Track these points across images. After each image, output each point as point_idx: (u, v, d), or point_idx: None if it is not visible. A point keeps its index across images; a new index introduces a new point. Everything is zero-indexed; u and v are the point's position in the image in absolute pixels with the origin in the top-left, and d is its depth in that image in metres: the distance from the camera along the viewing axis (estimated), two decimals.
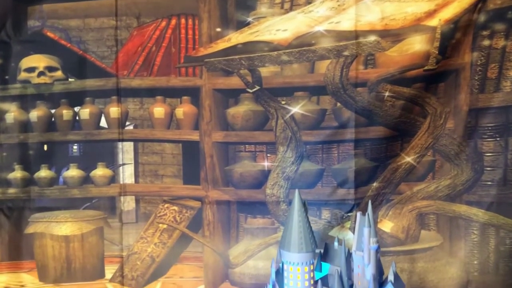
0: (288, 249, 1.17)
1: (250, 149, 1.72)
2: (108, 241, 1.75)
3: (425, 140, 1.65)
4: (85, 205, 1.75)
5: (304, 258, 1.17)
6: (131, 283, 1.76)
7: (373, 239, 1.10)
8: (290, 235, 1.18)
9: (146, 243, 1.75)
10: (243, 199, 1.73)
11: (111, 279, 1.75)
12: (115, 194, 1.74)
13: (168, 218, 1.75)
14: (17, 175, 1.72)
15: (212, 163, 1.70)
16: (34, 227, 1.73)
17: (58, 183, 1.74)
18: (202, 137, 1.69)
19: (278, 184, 1.69)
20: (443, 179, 1.67)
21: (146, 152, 1.75)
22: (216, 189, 1.72)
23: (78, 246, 1.74)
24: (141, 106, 1.72)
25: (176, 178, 1.74)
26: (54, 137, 1.73)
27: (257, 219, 1.75)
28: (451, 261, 1.67)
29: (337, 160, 1.68)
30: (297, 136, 1.64)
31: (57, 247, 1.74)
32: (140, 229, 1.75)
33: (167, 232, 1.76)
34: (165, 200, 1.74)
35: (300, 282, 1.18)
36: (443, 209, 1.68)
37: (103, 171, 1.73)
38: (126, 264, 1.75)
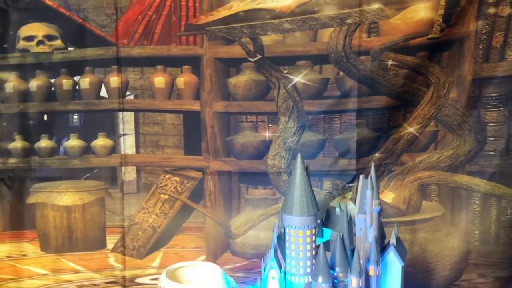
0: (290, 212, 1.17)
1: (252, 119, 1.71)
2: (109, 212, 1.75)
3: (427, 110, 1.64)
4: (86, 175, 1.74)
5: (306, 222, 1.17)
6: (133, 253, 1.76)
7: (376, 201, 1.10)
8: (292, 198, 1.17)
9: (148, 213, 1.76)
10: (244, 169, 1.72)
11: (113, 249, 1.76)
12: (116, 164, 1.73)
13: (169, 189, 1.75)
14: (18, 145, 1.71)
15: (213, 133, 1.69)
16: (35, 197, 1.73)
17: (58, 153, 1.74)
18: (203, 107, 1.68)
19: (279, 155, 1.68)
20: (446, 149, 1.67)
21: (147, 122, 1.73)
22: (217, 160, 1.71)
23: (80, 216, 1.75)
24: (141, 75, 1.70)
25: (177, 149, 1.73)
26: (54, 107, 1.72)
27: (258, 190, 1.75)
28: (452, 231, 1.67)
29: (339, 130, 1.67)
30: (299, 106, 1.63)
31: (59, 217, 1.74)
32: (141, 200, 1.75)
33: (168, 202, 1.76)
34: (166, 170, 1.74)
35: (302, 245, 1.19)
36: (445, 180, 1.68)
37: (103, 141, 1.72)
38: (127, 234, 1.75)
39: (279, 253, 1.25)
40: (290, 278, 1.21)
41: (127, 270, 1.76)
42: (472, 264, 1.67)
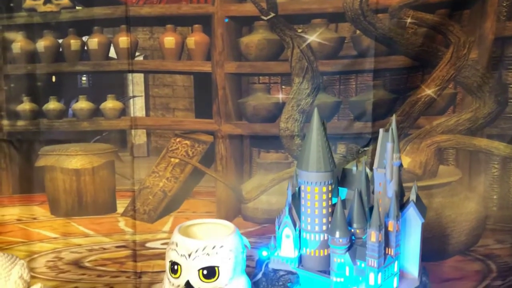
0: (306, 168, 1.14)
1: (264, 80, 1.66)
2: (119, 175, 1.73)
3: (446, 71, 1.59)
4: (95, 138, 1.71)
5: (322, 178, 1.14)
6: (143, 217, 1.74)
7: (397, 154, 1.06)
8: (308, 154, 1.14)
9: (158, 177, 1.73)
10: (256, 133, 1.68)
11: (123, 213, 1.74)
12: (125, 127, 1.70)
13: (180, 153, 1.72)
14: (26, 107, 1.68)
15: (224, 95, 1.65)
16: (44, 160, 1.71)
17: (67, 116, 1.71)
18: (214, 68, 1.63)
19: (292, 118, 1.64)
20: (464, 112, 1.61)
21: (157, 84, 1.69)
22: (228, 123, 1.67)
23: (89, 179, 1.73)
24: (151, 35, 1.66)
25: (188, 112, 1.69)
26: (62, 68, 1.68)
27: (271, 154, 1.71)
28: (470, 196, 1.63)
29: (355, 91, 1.62)
30: (314, 66, 1.58)
31: (68, 181, 1.72)
32: (151, 163, 1.72)
33: (179, 166, 1.73)
34: (176, 134, 1.71)
35: (318, 202, 1.15)
36: (463, 143, 1.63)
37: (113, 103, 1.69)
38: (137, 198, 1.73)
39: (294, 211, 1.22)
40: (305, 236, 1.18)
41: (138, 235, 1.74)
42: (489, 230, 1.64)
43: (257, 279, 1.24)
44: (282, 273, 1.19)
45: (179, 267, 1.10)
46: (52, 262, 1.75)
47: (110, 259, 1.76)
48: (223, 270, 1.10)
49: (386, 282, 1.05)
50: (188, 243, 1.10)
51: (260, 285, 1.22)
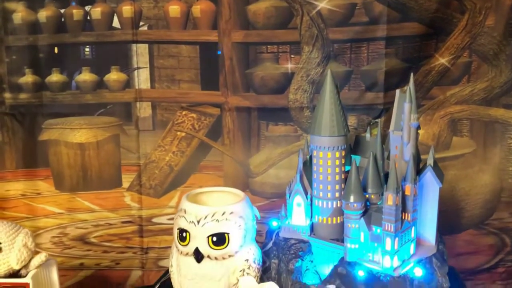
0: (319, 132, 1.09)
1: (273, 49, 1.61)
2: (124, 149, 1.69)
3: (461, 39, 1.53)
4: (100, 111, 1.67)
5: (335, 142, 1.09)
6: (149, 192, 1.71)
7: (414, 115, 1.01)
8: (321, 117, 1.09)
9: (164, 151, 1.69)
10: (265, 105, 1.64)
11: (129, 188, 1.71)
12: (130, 99, 1.66)
13: (186, 126, 1.68)
14: (28, 79, 1.64)
15: (231, 66, 1.60)
16: (48, 133, 1.68)
17: (70, 88, 1.66)
18: (221, 37, 1.58)
19: (302, 89, 1.59)
20: (479, 81, 1.56)
21: (162, 55, 1.65)
22: (236, 95, 1.63)
23: (94, 154, 1.69)
24: (155, 4, 1.60)
25: (194, 83, 1.65)
26: (65, 39, 1.63)
27: (279, 127, 1.67)
28: (484, 168, 1.58)
29: (367, 60, 1.57)
30: (324, 34, 1.52)
31: (72, 155, 1.69)
32: (157, 137, 1.68)
33: (185, 140, 1.69)
34: (182, 106, 1.66)
35: (331, 168, 1.11)
36: (477, 114, 1.58)
37: (117, 75, 1.65)
38: (143, 172, 1.70)
39: (305, 179, 1.18)
40: (317, 204, 1.14)
41: (144, 210, 1.71)
42: (504, 203, 1.59)
43: (267, 249, 1.21)
44: (293, 241, 1.15)
45: (188, 235, 1.06)
46: (57, 237, 1.72)
47: (116, 235, 1.73)
48: (233, 237, 1.06)
49: (402, 248, 1.01)
50: (197, 210, 1.07)
51: (271, 254, 1.18)
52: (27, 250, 1.10)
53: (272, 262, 1.17)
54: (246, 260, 1.09)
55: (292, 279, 1.11)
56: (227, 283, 1.07)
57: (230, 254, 1.06)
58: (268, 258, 1.18)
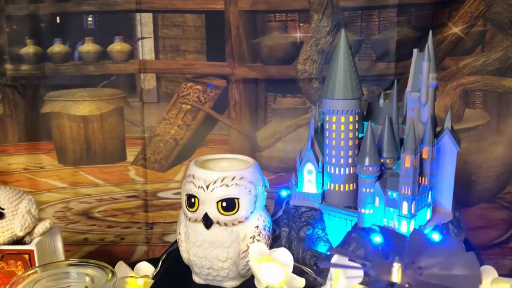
0: (332, 95, 1.06)
1: (281, 18, 1.56)
2: (128, 122, 1.65)
3: (475, 7, 1.48)
4: (103, 82, 1.63)
5: (349, 106, 1.06)
6: (154, 166, 1.68)
7: (433, 74, 0.97)
8: (334, 79, 1.05)
9: (169, 124, 1.65)
10: (272, 76, 1.59)
11: (133, 162, 1.67)
12: (134, 71, 1.62)
13: (191, 98, 1.64)
14: (29, 50, 1.60)
15: (238, 36, 1.56)
16: (50, 106, 1.64)
17: (73, 59, 1.62)
18: (227, 5, 1.53)
19: (311, 59, 1.55)
20: (494, 51, 1.52)
21: (166, 24, 1.60)
22: (242, 66, 1.58)
23: (97, 127, 1.65)
24: None
25: (199, 54, 1.60)
26: (67, 8, 1.58)
27: (287, 99, 1.62)
28: (498, 140, 1.54)
29: (378, 29, 1.52)
30: (334, 1, 1.47)
31: (75, 128, 1.65)
32: (162, 110, 1.64)
33: (191, 113, 1.65)
34: (188, 78, 1.62)
35: (344, 133, 1.07)
36: (491, 85, 1.54)
37: (120, 45, 1.60)
38: (148, 146, 1.66)
39: (316, 146, 1.14)
40: (329, 170, 1.11)
41: (149, 184, 1.68)
42: None
43: (277, 217, 1.18)
44: (304, 209, 1.12)
45: (196, 200, 1.03)
46: (60, 212, 1.69)
47: (121, 210, 1.70)
48: (243, 203, 1.03)
49: (419, 213, 0.98)
50: (206, 174, 1.03)
51: (281, 222, 1.15)
52: (31, 217, 1.07)
53: (282, 230, 1.14)
54: (256, 226, 1.06)
55: (303, 247, 1.08)
56: (237, 250, 1.04)
57: (240, 220, 1.03)
58: (278, 227, 1.16)
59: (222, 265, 1.04)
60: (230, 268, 1.04)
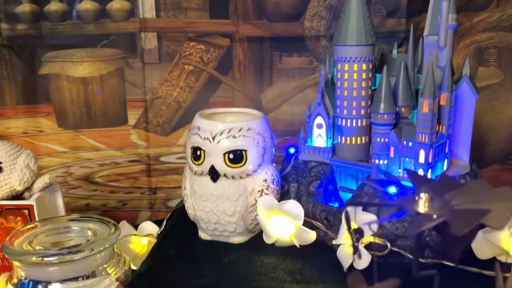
0: (344, 41, 1.00)
1: None
2: (129, 84, 1.60)
3: None
4: (102, 42, 1.57)
5: (362, 53, 1.00)
6: (157, 130, 1.63)
7: (453, 15, 0.91)
8: (347, 24, 0.99)
9: (171, 86, 1.60)
10: (278, 34, 1.53)
11: (135, 125, 1.63)
12: (134, 30, 1.55)
13: (194, 59, 1.58)
14: (25, 8, 1.53)
15: None
16: (48, 67, 1.58)
17: (71, 18, 1.55)
18: None
19: (318, 15, 1.49)
20: (510, 6, 1.45)
21: None
22: (247, 23, 1.52)
23: (97, 89, 1.60)
24: None
25: (202, 12, 1.54)
26: None
27: (293, 58, 1.57)
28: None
29: None
30: None
31: (75, 90, 1.60)
32: (163, 71, 1.59)
33: (193, 74, 1.59)
34: (190, 37, 1.56)
35: (357, 82, 1.02)
36: (506, 42, 1.47)
37: (120, 3, 1.54)
38: (150, 109, 1.61)
39: (327, 99, 1.09)
40: (340, 123, 1.06)
41: (151, 148, 1.64)
42: None
43: (285, 173, 1.13)
44: (314, 164, 1.08)
45: (202, 153, 0.99)
46: (61, 177, 1.65)
47: (123, 174, 1.66)
48: (251, 155, 0.98)
49: (436, 163, 0.93)
50: (212, 125, 0.99)
51: (289, 178, 1.11)
52: (30, 171, 1.03)
53: (291, 186, 1.10)
54: (264, 180, 1.01)
55: (313, 202, 1.04)
56: (244, 204, 0.99)
57: (247, 173, 0.99)
58: (287, 183, 1.11)
59: (229, 220, 1.00)
60: (238, 222, 1.01)
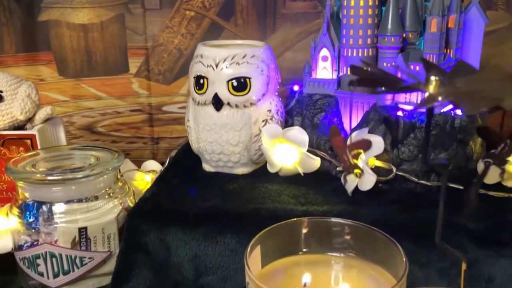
0: None
1: None
2: (130, 30, 1.57)
3: None
4: None
5: None
6: (158, 78, 1.61)
7: None
8: None
9: (173, 33, 1.57)
10: None
11: (136, 74, 1.61)
12: None
13: (195, 4, 1.55)
14: None
15: None
16: (47, 13, 1.55)
17: None
18: None
19: None
20: None
21: None
22: None
23: (98, 36, 1.57)
24: None
25: None
26: None
27: (297, 3, 1.53)
28: None
29: None
30: None
31: (75, 37, 1.58)
32: (164, 17, 1.56)
33: (195, 21, 1.56)
34: None
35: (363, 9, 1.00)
36: None
37: None
38: (151, 56, 1.59)
39: (332, 31, 1.07)
40: (346, 53, 1.04)
41: (153, 97, 1.62)
42: None
43: (289, 108, 1.12)
44: (319, 97, 1.06)
45: (205, 81, 0.97)
46: None
47: (125, 124, 1.65)
48: (255, 83, 0.96)
49: None
50: (215, 52, 0.97)
51: (294, 112, 1.10)
52: (31, 101, 1.02)
53: (295, 119, 1.08)
54: (268, 110, 1.00)
55: (317, 134, 1.03)
56: (248, 133, 0.98)
57: (251, 102, 0.97)
58: (291, 117, 1.10)
59: (233, 150, 0.99)
60: (242, 153, 1.00)
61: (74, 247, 0.83)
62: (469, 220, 0.80)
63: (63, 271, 0.83)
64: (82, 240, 0.83)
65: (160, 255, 0.84)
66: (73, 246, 0.83)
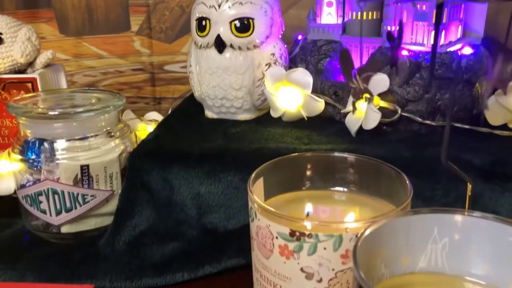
0: None
1: None
2: None
3: None
4: None
5: None
6: (160, 36, 1.59)
7: None
8: None
9: None
10: None
11: (138, 32, 1.59)
12: None
13: None
14: None
15: None
16: None
17: None
18: None
19: None
20: None
21: None
22: None
23: None
24: None
25: None
26: None
27: None
28: None
29: None
30: None
31: None
32: None
33: None
34: None
35: None
36: None
37: None
38: (152, 14, 1.57)
39: None
40: None
41: (155, 56, 1.60)
42: None
43: (293, 55, 1.10)
44: (323, 42, 1.04)
45: (208, 22, 0.95)
46: None
47: (127, 83, 1.64)
48: (258, 24, 0.95)
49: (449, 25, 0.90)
50: None
51: (298, 59, 1.08)
52: (32, 45, 1.00)
53: (299, 66, 1.07)
54: (272, 54, 0.99)
55: (321, 79, 1.01)
56: (251, 77, 0.97)
57: (255, 44, 0.96)
58: (295, 64, 1.08)
59: (236, 94, 0.98)
60: (245, 97, 0.99)
61: (76, 184, 0.83)
62: (474, 156, 0.79)
63: (66, 209, 0.83)
64: (84, 178, 0.83)
65: (162, 193, 0.84)
66: (75, 184, 0.83)
